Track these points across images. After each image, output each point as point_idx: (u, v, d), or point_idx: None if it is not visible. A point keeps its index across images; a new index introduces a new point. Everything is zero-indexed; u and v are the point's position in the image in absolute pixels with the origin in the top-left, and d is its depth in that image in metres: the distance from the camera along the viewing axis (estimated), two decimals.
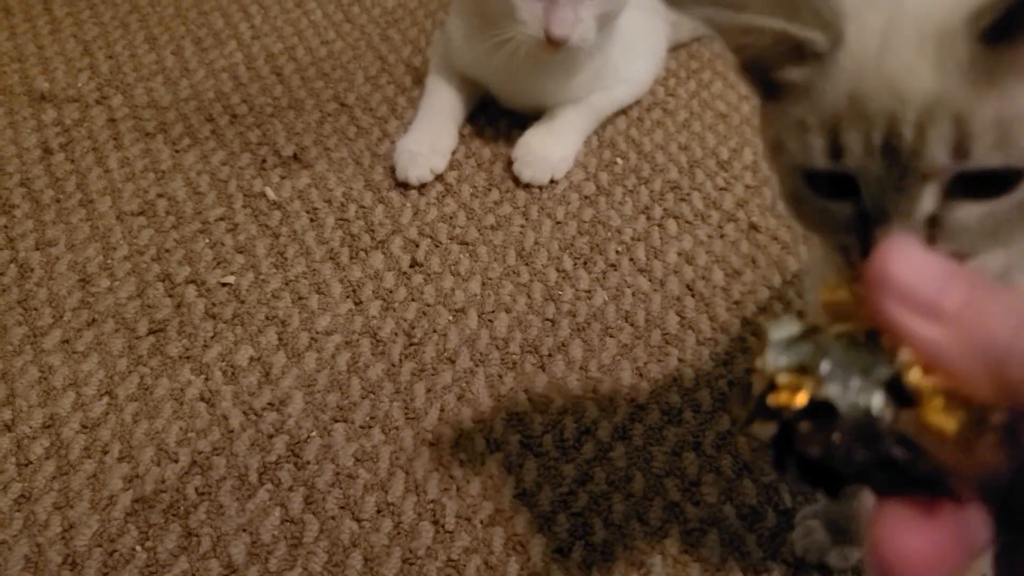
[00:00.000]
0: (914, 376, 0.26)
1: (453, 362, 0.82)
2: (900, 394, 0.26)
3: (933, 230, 0.37)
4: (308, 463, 0.74)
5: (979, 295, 0.24)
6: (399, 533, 0.70)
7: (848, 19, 0.38)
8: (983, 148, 0.35)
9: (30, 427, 0.76)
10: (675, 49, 1.18)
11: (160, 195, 0.98)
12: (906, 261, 0.25)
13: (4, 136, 1.06)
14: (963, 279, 0.24)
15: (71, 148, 1.04)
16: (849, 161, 0.37)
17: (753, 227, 0.95)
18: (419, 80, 1.13)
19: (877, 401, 0.27)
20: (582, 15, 0.92)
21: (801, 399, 0.28)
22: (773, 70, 0.40)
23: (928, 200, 0.36)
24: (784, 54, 0.39)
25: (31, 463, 0.74)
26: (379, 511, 0.71)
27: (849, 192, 0.39)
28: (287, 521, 0.70)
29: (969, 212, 0.37)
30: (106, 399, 0.78)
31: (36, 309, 0.86)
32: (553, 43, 0.91)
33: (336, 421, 0.77)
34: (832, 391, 0.27)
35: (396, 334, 0.84)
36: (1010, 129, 0.35)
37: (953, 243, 0.37)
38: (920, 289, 0.24)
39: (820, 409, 0.27)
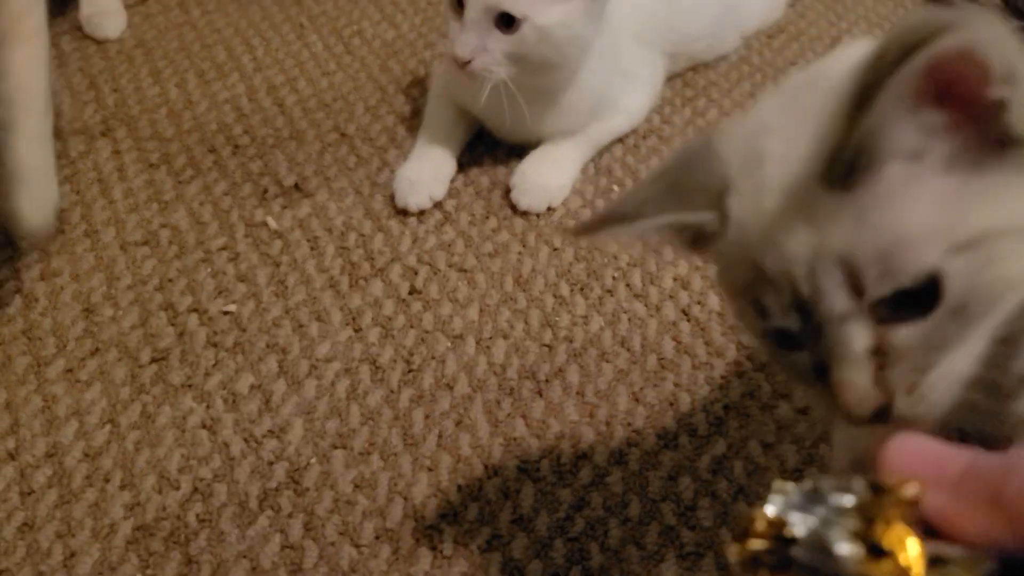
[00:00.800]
0: (889, 513, 0.27)
1: (451, 388, 0.83)
2: (874, 546, 0.27)
3: (882, 359, 0.38)
4: (307, 489, 0.75)
5: (977, 460, 0.26)
6: (397, 559, 0.70)
7: (732, 189, 0.41)
8: (875, 280, 0.37)
9: (33, 456, 0.77)
10: (671, 78, 1.20)
11: (163, 225, 1.00)
12: (907, 451, 0.27)
13: None
14: (961, 455, 0.27)
15: (76, 180, 1.06)
16: (774, 321, 0.39)
17: None
18: (418, 110, 1.15)
19: (837, 532, 0.27)
20: (489, 46, 0.94)
21: (760, 523, 0.28)
22: (699, 248, 0.43)
23: (859, 338, 0.38)
24: (694, 236, 0.42)
25: (34, 492, 0.75)
26: (378, 537, 0.72)
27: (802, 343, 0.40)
28: (287, 547, 0.71)
29: (909, 334, 0.38)
30: (108, 427, 0.79)
31: (40, 339, 0.87)
32: (458, 62, 0.94)
33: (335, 448, 0.78)
34: (792, 518, 0.28)
35: (395, 361, 0.85)
36: (890, 255, 0.36)
37: (906, 365, 0.38)
38: (923, 469, 0.27)
39: (787, 546, 0.28)
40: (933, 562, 0.26)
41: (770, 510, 0.28)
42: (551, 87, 1.02)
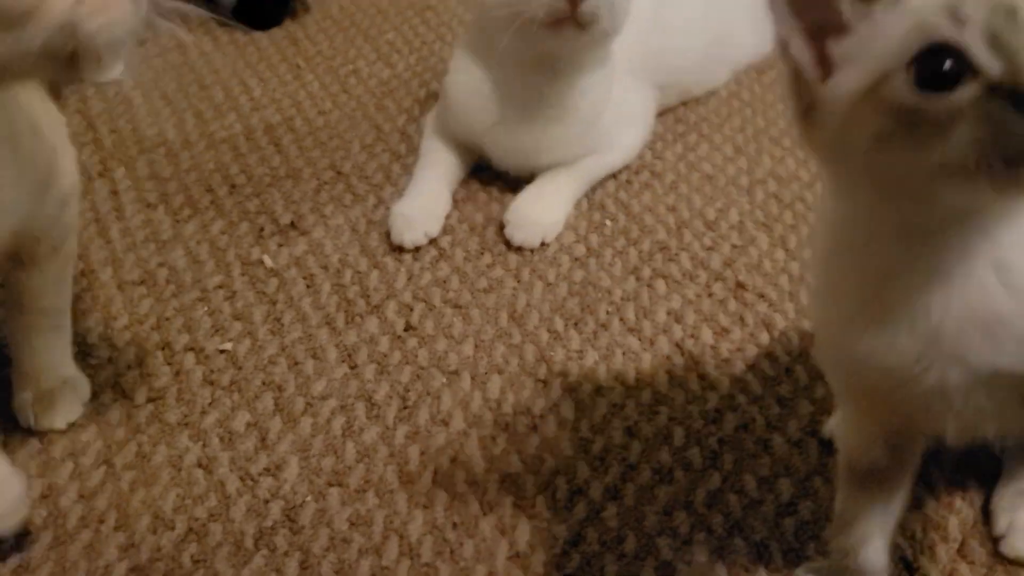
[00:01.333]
0: None
1: (447, 424, 0.83)
2: None
3: None
4: (303, 528, 0.75)
5: None
6: None
7: None
8: None
9: (29, 497, 0.77)
10: (662, 113, 1.22)
11: (160, 264, 1.01)
12: None
13: None
14: None
15: None
16: (975, 22, 0.43)
17: (740, 286, 0.97)
18: (413, 148, 1.17)
19: None
20: None
21: None
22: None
23: None
24: None
25: (29, 533, 0.75)
26: (374, 575, 0.72)
27: (960, 78, 0.43)
28: None
29: None
30: (103, 468, 0.79)
31: None
32: (572, 2, 0.93)
33: (331, 485, 0.78)
34: None
35: (390, 397, 0.86)
36: None
37: None
38: None
39: None
40: None
41: None
42: (564, 96, 1.04)
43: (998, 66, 0.43)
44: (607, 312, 0.94)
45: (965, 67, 0.44)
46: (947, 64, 0.44)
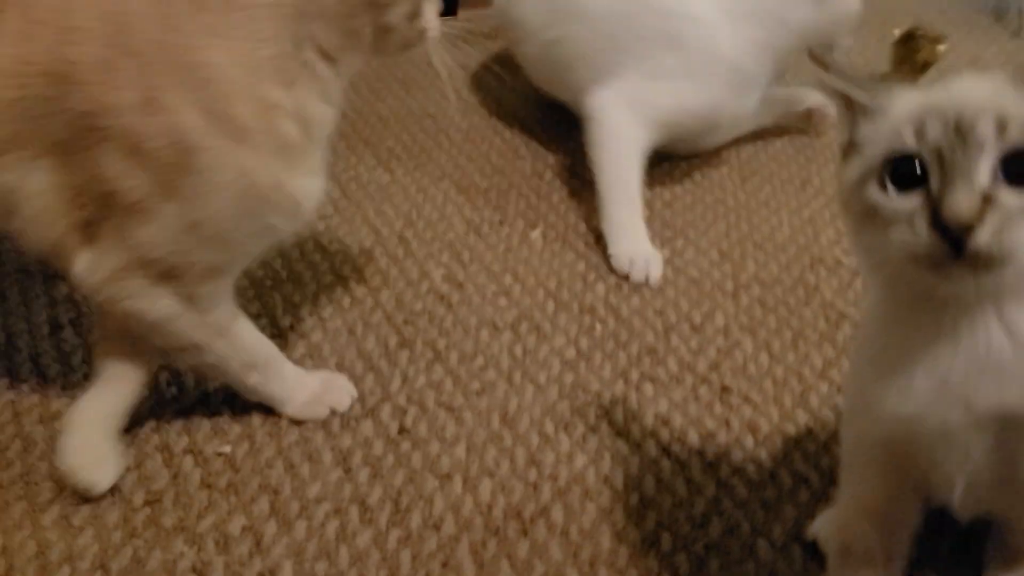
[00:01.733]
0: None
1: (438, 529, 0.84)
2: None
3: (985, 207, 0.50)
4: None
5: None
6: None
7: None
8: (1015, 131, 0.51)
9: None
10: (649, 219, 1.27)
11: (162, 368, 1.03)
12: None
13: (17, 312, 1.12)
14: None
15: (79, 322, 1.10)
16: (930, 138, 0.52)
17: (725, 389, 0.99)
18: (411, 252, 1.21)
19: None
20: None
21: None
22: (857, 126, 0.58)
23: (983, 172, 0.51)
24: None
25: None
26: None
27: (918, 183, 0.52)
28: None
29: (1010, 194, 0.51)
30: (99, 574, 0.80)
31: (37, 484, 0.89)
32: None
33: None
34: None
35: (384, 501, 0.87)
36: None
37: (999, 215, 0.50)
38: None
39: None
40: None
41: None
42: None
43: (937, 181, 0.51)
44: (596, 415, 0.96)
45: (922, 177, 0.52)
46: (904, 170, 0.52)
